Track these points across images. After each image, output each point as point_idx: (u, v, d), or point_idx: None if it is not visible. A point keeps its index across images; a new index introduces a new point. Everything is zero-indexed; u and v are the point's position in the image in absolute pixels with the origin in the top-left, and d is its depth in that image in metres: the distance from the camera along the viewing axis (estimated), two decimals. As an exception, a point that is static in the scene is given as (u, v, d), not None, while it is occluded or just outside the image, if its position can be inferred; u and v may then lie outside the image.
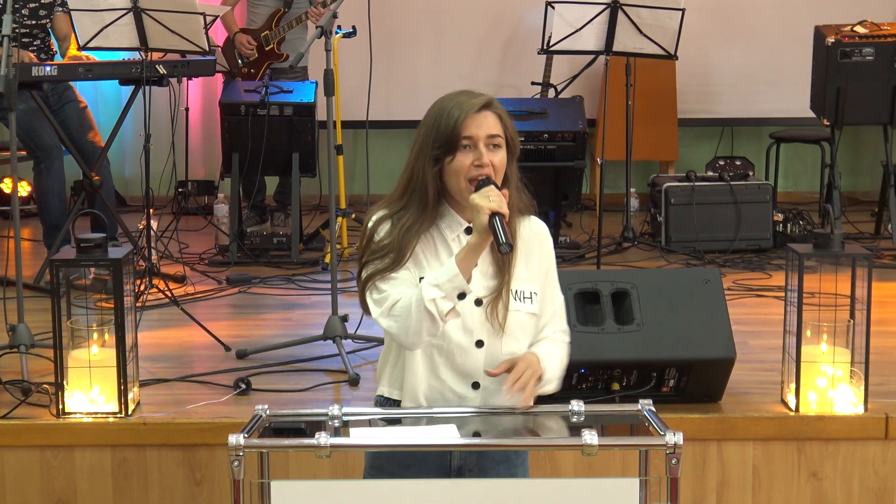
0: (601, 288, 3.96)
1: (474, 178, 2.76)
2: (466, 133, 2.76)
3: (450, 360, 2.80)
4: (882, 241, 6.69)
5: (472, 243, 2.71)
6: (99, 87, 7.86)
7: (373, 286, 2.77)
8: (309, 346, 4.68)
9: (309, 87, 6.63)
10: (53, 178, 5.87)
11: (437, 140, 2.77)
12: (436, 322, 2.69)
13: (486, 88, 8.62)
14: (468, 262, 2.70)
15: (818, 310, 3.85)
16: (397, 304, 2.72)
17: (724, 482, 3.94)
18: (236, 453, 2.59)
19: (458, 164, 2.76)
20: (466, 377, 2.82)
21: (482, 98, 2.81)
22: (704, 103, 8.12)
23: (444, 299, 2.67)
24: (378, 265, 2.77)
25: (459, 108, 2.77)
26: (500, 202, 2.70)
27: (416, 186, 2.80)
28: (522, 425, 2.81)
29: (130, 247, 4.70)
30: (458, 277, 2.67)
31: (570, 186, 6.52)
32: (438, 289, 2.67)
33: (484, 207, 2.68)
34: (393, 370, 2.87)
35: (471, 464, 2.80)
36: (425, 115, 2.84)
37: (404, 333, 2.72)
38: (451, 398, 2.82)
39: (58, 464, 3.90)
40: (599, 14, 6.22)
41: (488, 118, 2.79)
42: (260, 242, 6.56)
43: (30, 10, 5.87)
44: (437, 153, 2.77)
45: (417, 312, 2.68)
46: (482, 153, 2.76)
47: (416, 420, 2.80)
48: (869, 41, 6.45)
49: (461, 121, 2.75)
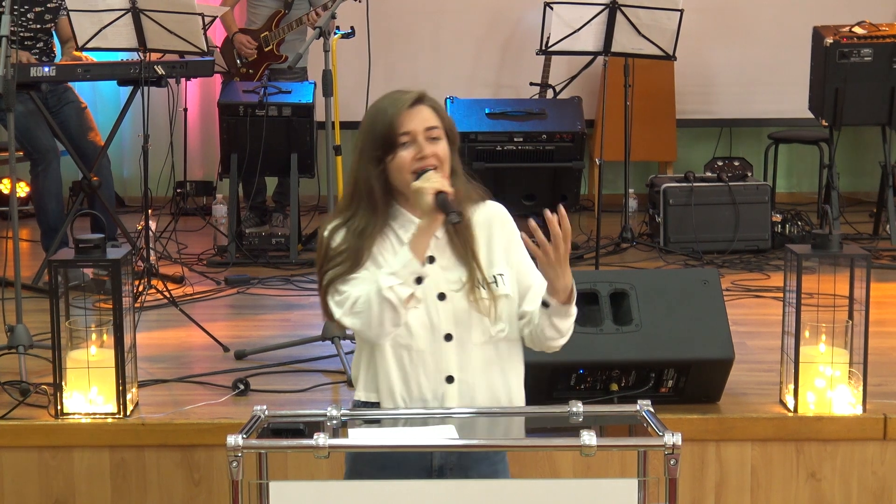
0: (600, 288, 3.96)
1: (418, 171, 2.76)
2: (403, 129, 2.76)
3: (420, 358, 2.81)
4: (880, 241, 6.69)
5: (422, 226, 2.72)
6: (97, 87, 7.86)
7: (333, 290, 2.78)
8: (307, 346, 4.68)
9: (307, 88, 6.64)
10: (50, 181, 5.86)
11: (375, 141, 2.78)
12: (397, 310, 2.70)
13: (484, 89, 8.55)
14: (420, 245, 2.71)
15: (817, 310, 3.85)
16: (358, 300, 2.73)
17: (722, 483, 3.94)
18: (235, 454, 2.59)
19: (400, 161, 2.77)
20: (439, 372, 2.82)
21: (414, 93, 2.81)
22: (703, 104, 8.12)
23: (401, 286, 2.68)
24: (337, 270, 2.77)
25: (393, 105, 2.78)
26: (441, 182, 2.72)
27: (362, 190, 2.80)
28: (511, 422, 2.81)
29: (129, 247, 4.70)
30: (413, 261, 2.69)
31: (569, 187, 6.53)
32: (395, 276, 2.69)
33: (426, 188, 2.70)
34: (367, 373, 2.87)
35: (451, 463, 2.80)
36: (362, 119, 2.85)
37: (367, 327, 2.73)
38: (427, 395, 2.82)
39: (56, 464, 3.90)
40: (598, 15, 6.22)
41: (423, 111, 2.79)
42: (258, 243, 6.55)
43: (35, 14, 5.86)
44: (378, 154, 2.78)
45: (378, 303, 2.69)
46: (422, 146, 2.77)
47: (413, 420, 2.79)
48: (867, 42, 6.45)
49: (396, 118, 2.76)
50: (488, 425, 2.82)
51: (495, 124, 6.53)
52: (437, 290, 2.80)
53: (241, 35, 7.22)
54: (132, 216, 7.21)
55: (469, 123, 6.52)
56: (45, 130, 5.78)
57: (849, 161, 8.07)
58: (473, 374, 2.83)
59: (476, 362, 2.83)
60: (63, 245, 5.51)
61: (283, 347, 4.66)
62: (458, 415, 2.79)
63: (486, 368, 2.84)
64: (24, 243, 6.68)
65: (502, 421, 2.85)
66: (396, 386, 2.82)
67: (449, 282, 2.81)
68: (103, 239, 3.90)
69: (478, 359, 2.83)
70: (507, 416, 2.85)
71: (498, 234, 2.89)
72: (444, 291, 2.80)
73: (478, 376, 2.83)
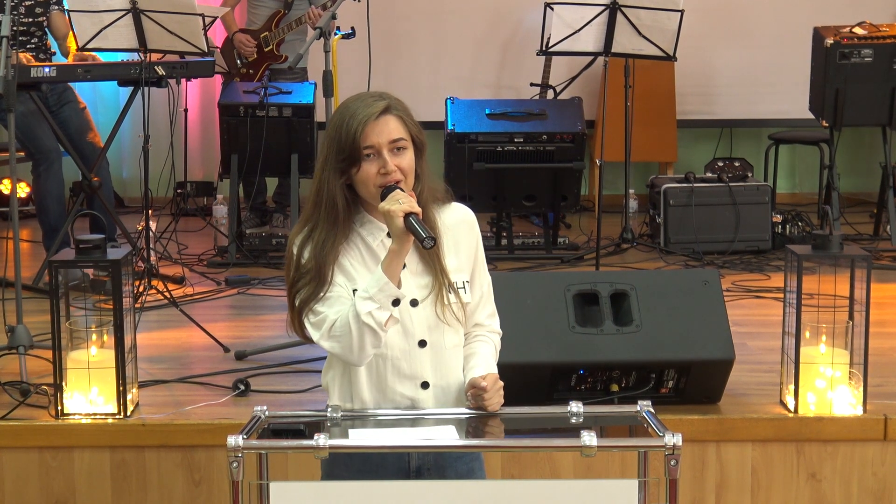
0: (600, 289, 3.96)
1: (382, 185, 2.73)
2: (367, 143, 2.72)
3: (395, 366, 2.80)
4: (881, 242, 6.69)
5: (394, 249, 2.69)
6: (97, 88, 7.86)
7: (308, 311, 2.75)
8: (308, 347, 4.65)
9: (308, 88, 6.64)
10: (52, 181, 5.87)
11: (339, 153, 2.73)
12: (377, 334, 2.69)
13: (485, 89, 8.55)
14: (394, 268, 2.70)
15: (817, 311, 3.85)
16: (335, 324, 2.71)
17: (722, 483, 3.94)
18: (235, 454, 2.58)
19: (364, 175, 2.73)
20: (414, 379, 2.81)
21: (380, 104, 2.74)
22: (703, 104, 8.12)
23: (379, 310, 2.67)
24: (308, 290, 2.74)
25: (356, 118, 2.72)
26: (409, 203, 2.68)
27: (325, 200, 2.75)
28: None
29: (129, 248, 4.70)
30: (389, 286, 2.67)
31: (569, 188, 6.53)
32: (371, 301, 2.67)
33: (396, 211, 2.66)
34: (342, 382, 2.85)
35: (429, 463, 2.80)
36: (328, 124, 2.80)
37: (349, 352, 2.71)
38: (402, 402, 2.81)
39: (56, 465, 3.90)
40: (598, 15, 6.22)
41: (389, 123, 2.74)
42: (259, 243, 6.56)
43: (26, 9, 5.86)
44: (342, 166, 2.74)
45: (357, 328, 2.67)
46: (386, 160, 2.72)
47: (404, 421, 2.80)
48: (868, 42, 6.45)
49: (360, 132, 2.71)
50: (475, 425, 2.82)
51: (495, 125, 6.52)
52: (410, 297, 2.78)
53: (241, 34, 7.22)
54: (132, 217, 7.21)
55: (469, 124, 6.52)
56: (47, 131, 5.78)
57: (849, 162, 8.07)
58: (447, 378, 2.83)
59: (449, 366, 2.84)
60: (64, 245, 5.51)
61: (284, 348, 4.65)
62: (458, 415, 2.79)
63: (458, 372, 2.85)
64: (25, 244, 6.68)
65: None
66: (371, 394, 2.81)
67: (420, 287, 2.80)
68: (104, 239, 3.90)
69: (451, 362, 2.84)
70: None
71: (465, 240, 2.87)
72: (416, 298, 2.79)
73: (451, 380, 2.84)
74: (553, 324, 3.88)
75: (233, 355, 4.65)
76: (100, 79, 5.80)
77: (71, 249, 3.98)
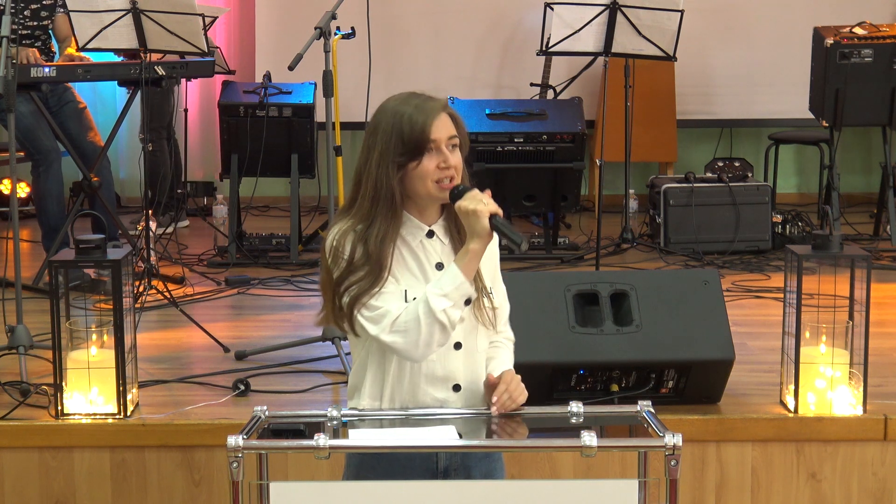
0: (600, 289, 3.96)
1: (439, 181, 2.73)
2: (433, 136, 2.73)
3: (429, 367, 2.78)
4: (881, 242, 6.69)
5: (475, 249, 2.69)
6: (97, 88, 7.86)
7: (362, 305, 2.71)
8: (308, 347, 4.68)
9: (308, 89, 6.64)
10: (52, 181, 5.86)
11: (404, 145, 2.72)
12: (447, 331, 2.68)
13: (485, 89, 8.55)
14: (471, 267, 2.69)
15: (817, 311, 3.85)
16: (399, 318, 2.68)
17: (723, 483, 3.94)
18: (235, 454, 2.58)
19: (424, 169, 2.73)
20: (447, 381, 2.81)
21: (440, 100, 2.78)
22: (703, 104, 8.12)
23: (453, 308, 2.66)
24: (362, 284, 2.71)
25: (422, 112, 2.73)
26: (493, 204, 2.69)
27: (383, 195, 2.73)
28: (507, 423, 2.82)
29: (129, 248, 4.70)
30: (465, 285, 2.66)
31: (569, 188, 6.53)
32: (446, 298, 2.65)
33: (483, 211, 2.67)
34: (373, 384, 2.83)
35: (455, 464, 2.80)
36: (377, 121, 2.78)
37: (413, 347, 2.69)
38: (433, 403, 2.81)
39: (56, 465, 3.90)
40: (598, 15, 6.22)
41: (446, 120, 2.77)
42: (259, 243, 6.56)
43: (31, 11, 5.86)
44: (402, 160, 2.72)
45: (428, 325, 2.66)
46: (447, 155, 2.74)
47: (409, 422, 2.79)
48: (868, 42, 6.45)
49: (429, 124, 2.72)
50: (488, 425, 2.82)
51: (496, 125, 6.53)
52: None
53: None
54: (132, 217, 7.21)
55: (469, 124, 6.48)
56: (47, 131, 5.78)
57: (849, 162, 8.07)
58: (477, 382, 2.83)
59: (479, 369, 2.84)
60: (64, 245, 5.51)
61: (284, 348, 4.66)
62: (456, 415, 2.79)
63: (484, 374, 2.85)
64: (25, 244, 6.68)
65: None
66: (404, 396, 2.80)
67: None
68: (104, 239, 3.90)
69: (481, 365, 2.84)
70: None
71: (490, 248, 2.85)
72: None
73: (480, 384, 2.84)
74: (553, 324, 3.88)
75: (233, 355, 4.65)
76: (100, 79, 5.80)
77: (71, 249, 3.98)
